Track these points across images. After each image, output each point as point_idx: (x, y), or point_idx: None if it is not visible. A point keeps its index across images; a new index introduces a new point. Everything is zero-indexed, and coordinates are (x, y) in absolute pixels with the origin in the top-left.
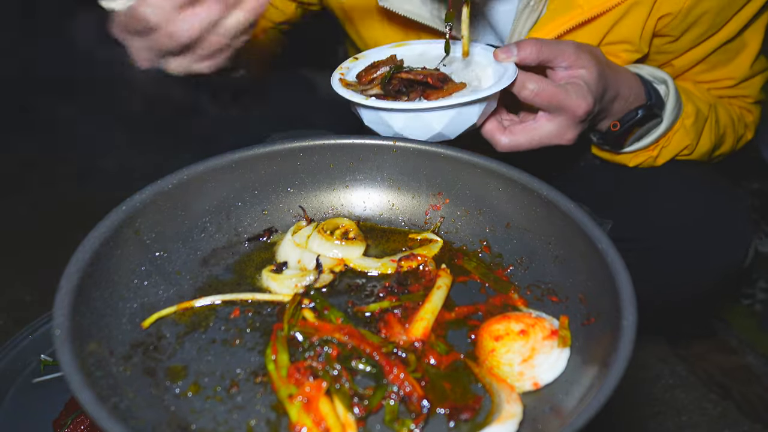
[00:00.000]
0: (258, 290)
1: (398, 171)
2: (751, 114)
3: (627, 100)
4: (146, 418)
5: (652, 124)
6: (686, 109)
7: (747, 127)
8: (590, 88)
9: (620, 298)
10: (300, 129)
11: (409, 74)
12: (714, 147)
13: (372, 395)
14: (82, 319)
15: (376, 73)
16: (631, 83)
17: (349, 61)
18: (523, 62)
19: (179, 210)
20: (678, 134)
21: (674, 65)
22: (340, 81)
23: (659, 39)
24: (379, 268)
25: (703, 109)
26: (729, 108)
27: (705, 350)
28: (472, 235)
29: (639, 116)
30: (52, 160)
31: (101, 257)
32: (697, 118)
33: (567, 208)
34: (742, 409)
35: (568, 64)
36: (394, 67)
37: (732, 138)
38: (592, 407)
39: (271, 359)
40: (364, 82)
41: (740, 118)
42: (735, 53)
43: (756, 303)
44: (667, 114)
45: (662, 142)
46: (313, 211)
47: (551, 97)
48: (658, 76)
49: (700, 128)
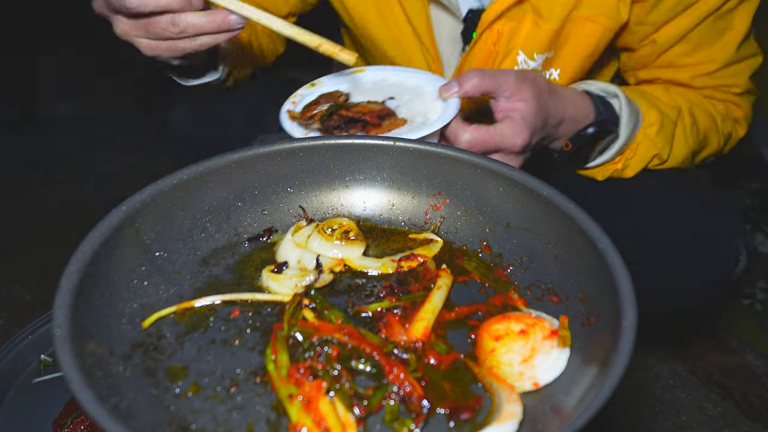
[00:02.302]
0: (258, 290)
1: (398, 171)
2: (740, 108)
3: (575, 121)
4: (146, 418)
5: (611, 138)
6: (648, 119)
7: (737, 122)
8: (527, 121)
9: (620, 298)
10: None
11: (348, 112)
12: (694, 152)
13: (372, 395)
14: (82, 319)
15: (317, 109)
16: (577, 103)
17: (305, 88)
18: (467, 96)
19: (179, 210)
20: (643, 145)
21: (656, 41)
22: (288, 113)
23: (638, 6)
24: (379, 268)
25: (671, 114)
26: (710, 108)
27: (705, 350)
28: (472, 235)
29: (591, 133)
30: (52, 160)
31: (101, 257)
32: (663, 125)
33: (567, 208)
34: (742, 409)
35: (509, 94)
36: (333, 105)
37: (716, 139)
38: (592, 407)
39: (271, 359)
40: (306, 117)
41: (726, 116)
42: (719, 33)
43: (756, 303)
44: (623, 126)
45: (627, 154)
46: (313, 211)
47: (485, 143)
48: (609, 90)
49: (669, 135)
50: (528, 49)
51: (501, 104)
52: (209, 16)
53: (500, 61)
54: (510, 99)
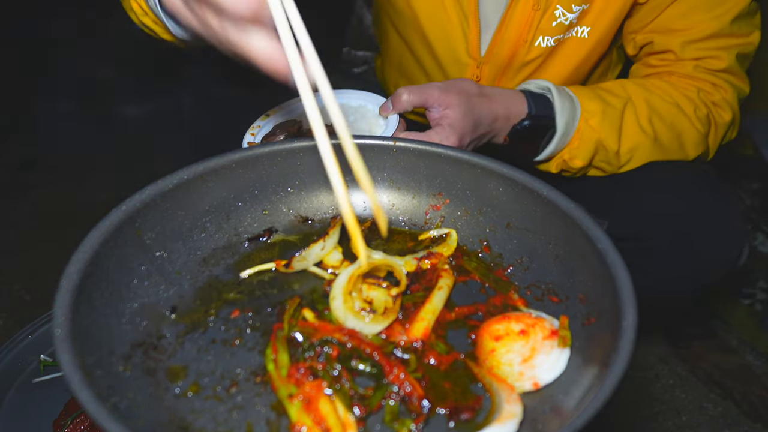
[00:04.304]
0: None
1: (398, 171)
2: (718, 90)
3: (508, 118)
4: (146, 418)
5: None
6: (588, 107)
7: (716, 106)
8: (454, 127)
9: (620, 298)
10: None
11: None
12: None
13: (372, 395)
14: (82, 319)
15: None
16: (509, 102)
17: (260, 119)
18: (401, 112)
19: (179, 210)
20: (584, 133)
21: None
22: (249, 144)
23: None
24: (403, 266)
25: (616, 104)
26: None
27: (705, 350)
28: (472, 235)
29: (526, 126)
30: (52, 160)
31: (101, 257)
32: (606, 114)
33: (567, 208)
34: (742, 409)
35: (438, 104)
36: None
37: (689, 124)
38: (592, 407)
39: (271, 359)
40: None
41: (699, 101)
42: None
43: (756, 303)
44: (558, 116)
45: (573, 144)
46: (313, 211)
47: None
48: (543, 86)
49: (614, 123)
50: (566, 1)
51: (433, 114)
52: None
53: (540, 16)
54: (438, 108)
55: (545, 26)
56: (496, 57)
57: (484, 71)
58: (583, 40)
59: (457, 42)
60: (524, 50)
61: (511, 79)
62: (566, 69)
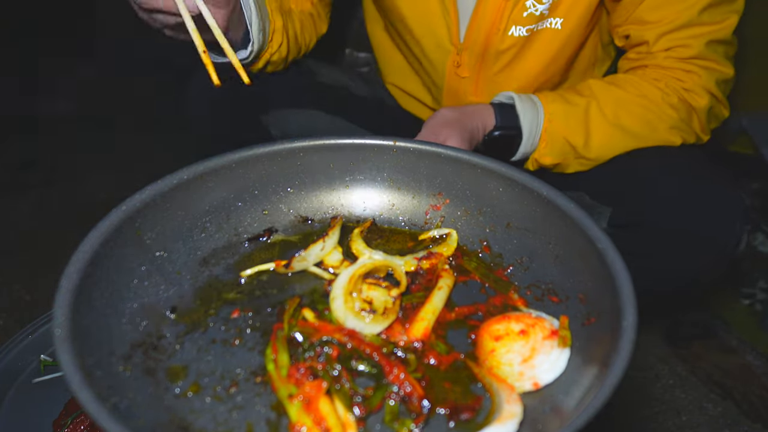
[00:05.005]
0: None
1: (398, 171)
2: (689, 76)
3: (485, 129)
4: (146, 418)
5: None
6: (550, 109)
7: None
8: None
9: (620, 298)
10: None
11: None
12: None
13: (372, 395)
14: (82, 319)
15: None
16: (483, 114)
17: None
18: None
19: (179, 210)
20: (549, 132)
21: None
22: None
23: None
24: (403, 266)
25: (578, 102)
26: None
27: (705, 350)
28: (472, 235)
29: (495, 136)
30: (52, 160)
31: (101, 257)
32: (569, 113)
33: (567, 208)
34: (742, 409)
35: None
36: None
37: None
38: (592, 407)
39: (271, 359)
40: None
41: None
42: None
43: (756, 303)
44: (522, 119)
45: (542, 144)
46: (313, 211)
47: None
48: (509, 95)
49: (580, 120)
50: None
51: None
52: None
53: (512, 6)
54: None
55: (517, 16)
56: (474, 44)
57: (463, 58)
58: (557, 31)
59: (440, 29)
60: (498, 39)
61: (491, 67)
62: (543, 60)
